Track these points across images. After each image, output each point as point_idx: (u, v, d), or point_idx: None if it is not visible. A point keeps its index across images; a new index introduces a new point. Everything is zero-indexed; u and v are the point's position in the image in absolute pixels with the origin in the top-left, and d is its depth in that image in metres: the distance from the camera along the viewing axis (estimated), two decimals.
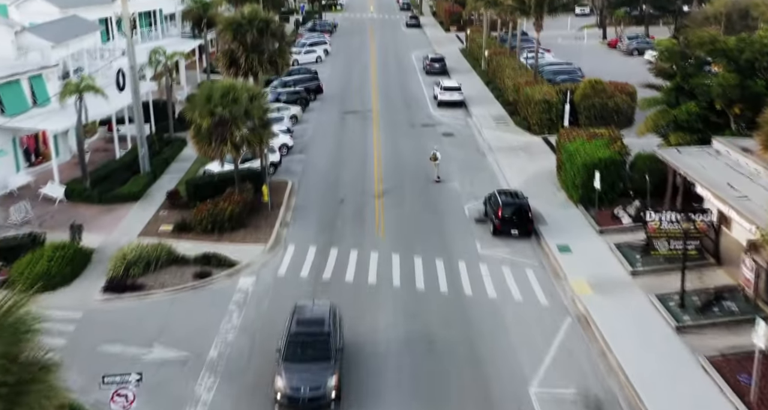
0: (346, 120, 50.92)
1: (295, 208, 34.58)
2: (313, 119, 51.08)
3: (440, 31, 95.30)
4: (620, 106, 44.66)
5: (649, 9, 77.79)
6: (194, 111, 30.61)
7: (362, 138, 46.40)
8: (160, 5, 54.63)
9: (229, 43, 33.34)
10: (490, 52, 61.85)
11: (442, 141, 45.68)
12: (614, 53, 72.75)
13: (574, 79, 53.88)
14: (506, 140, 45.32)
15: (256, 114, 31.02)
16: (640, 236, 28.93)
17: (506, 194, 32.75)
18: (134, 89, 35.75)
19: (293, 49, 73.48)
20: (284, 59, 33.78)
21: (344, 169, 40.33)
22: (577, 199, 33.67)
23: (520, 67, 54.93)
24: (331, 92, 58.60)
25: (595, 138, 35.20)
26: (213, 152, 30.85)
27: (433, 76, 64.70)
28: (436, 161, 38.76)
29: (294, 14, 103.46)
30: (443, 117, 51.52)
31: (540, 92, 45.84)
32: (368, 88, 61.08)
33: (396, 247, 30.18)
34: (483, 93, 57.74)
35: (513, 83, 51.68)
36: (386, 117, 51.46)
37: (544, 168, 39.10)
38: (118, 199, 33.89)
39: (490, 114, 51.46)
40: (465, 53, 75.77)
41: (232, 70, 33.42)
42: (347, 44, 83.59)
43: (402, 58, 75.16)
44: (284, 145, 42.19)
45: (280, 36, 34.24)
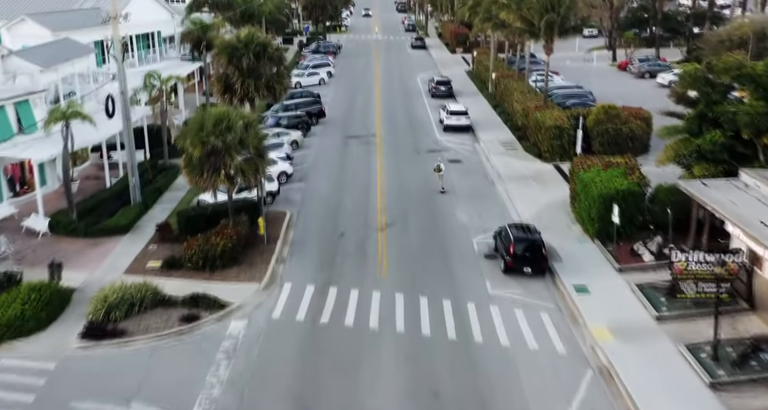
0: (349, 145, 49.08)
1: (292, 242, 32.55)
2: (315, 144, 49.26)
3: (446, 52, 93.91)
4: (635, 132, 42.67)
5: (659, 31, 76.06)
6: (186, 139, 28.75)
7: (365, 165, 44.50)
8: (159, 27, 53.19)
9: (224, 68, 31.58)
10: (498, 74, 60.14)
11: (449, 168, 43.74)
12: (625, 76, 70.95)
13: (585, 104, 52.02)
14: (516, 167, 43.34)
15: (251, 143, 29.15)
16: (664, 275, 26.80)
17: (518, 228, 30.66)
18: (125, 115, 33.97)
19: (295, 71, 72.18)
20: (282, 84, 31.98)
21: (346, 198, 38.36)
22: (593, 233, 31.57)
23: (528, 90, 53.11)
24: (333, 116, 56.88)
25: (612, 167, 33.19)
26: (205, 182, 28.94)
27: (439, 99, 63.02)
28: (440, 172, 39.52)
29: (298, 36, 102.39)
30: (449, 142, 49.63)
31: (551, 117, 43.92)
32: (372, 111, 59.37)
33: (400, 286, 28.09)
34: (490, 117, 55.91)
35: (522, 108, 49.82)
36: (390, 142, 49.63)
37: (556, 198, 37.04)
38: (105, 232, 31.95)
39: (498, 139, 49.55)
40: (471, 75, 74.16)
41: (227, 96, 31.63)
42: (351, 66, 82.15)
43: (407, 80, 73.57)
44: (283, 173, 40.30)
45: (278, 60, 32.47)
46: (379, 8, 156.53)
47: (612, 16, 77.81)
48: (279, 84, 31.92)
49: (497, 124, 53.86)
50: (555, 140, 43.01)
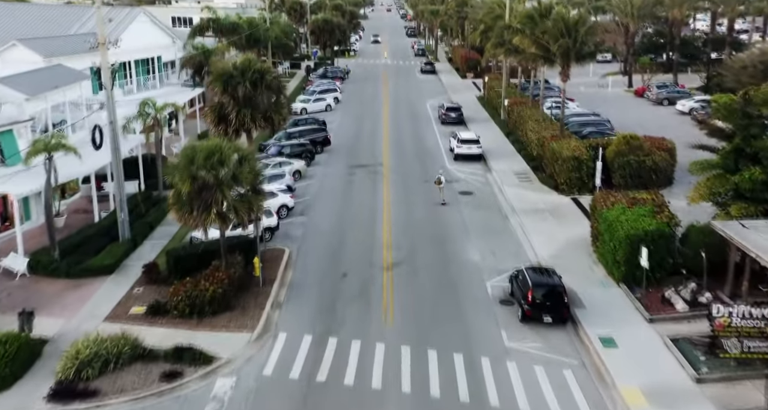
0: (355, 175, 46.71)
1: (290, 284, 30.01)
2: (319, 173, 46.93)
3: (456, 77, 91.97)
4: (659, 164, 40.09)
5: (677, 56, 73.72)
6: (175, 174, 26.45)
7: (371, 196, 42.07)
8: (159, 52, 51.40)
9: (218, 97, 29.40)
10: (510, 101, 57.85)
11: (459, 200, 41.30)
12: (642, 102, 68.48)
13: (602, 133, 49.57)
14: (531, 200, 40.77)
15: (245, 178, 26.82)
16: (700, 326, 24.16)
17: (536, 271, 28.02)
18: (114, 146, 31.80)
19: (301, 97, 70.33)
20: (281, 114, 29.73)
21: (350, 234, 35.88)
22: (618, 277, 28.85)
23: (543, 118, 50.72)
24: (339, 144, 54.67)
25: (637, 204, 30.58)
26: (195, 221, 26.56)
27: (449, 125, 60.77)
28: (441, 185, 40.48)
29: (306, 60, 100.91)
30: (460, 172, 47.18)
31: (568, 148, 41.45)
32: (379, 139, 57.12)
33: (406, 336, 25.44)
34: (503, 146, 53.50)
35: (537, 137, 47.40)
36: (398, 172, 47.25)
37: (576, 236, 34.39)
38: (88, 272, 29.56)
39: (511, 169, 47.07)
40: (482, 101, 71.98)
41: (221, 126, 29.39)
42: (359, 91, 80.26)
43: (416, 106, 71.44)
44: (283, 206, 37.91)
45: (277, 89, 30.26)
46: (389, 33, 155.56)
47: (627, 41, 75.64)
48: (277, 114, 29.65)
49: (510, 153, 51.45)
50: (573, 171, 40.48)
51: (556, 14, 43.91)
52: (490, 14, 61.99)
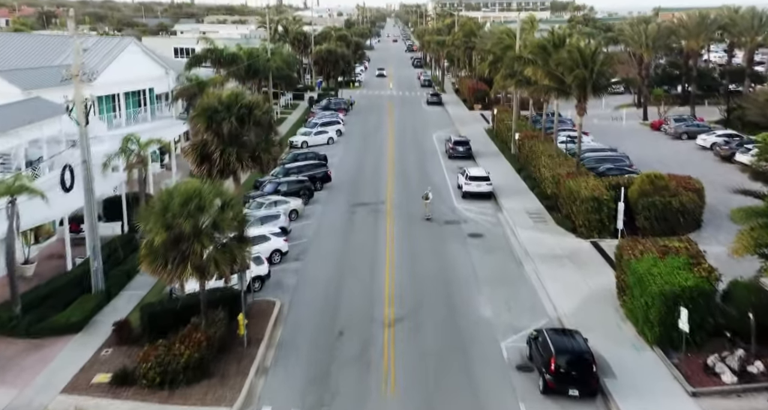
0: (356, 215, 43.53)
1: (279, 344, 26.60)
2: (317, 213, 43.78)
3: (463, 109, 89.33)
4: (686, 206, 36.77)
5: (694, 88, 70.76)
6: (148, 222, 23.33)
7: (373, 239, 38.82)
8: (151, 84, 48.82)
9: (201, 134, 26.47)
10: (522, 135, 54.86)
11: (468, 243, 38.03)
12: (659, 136, 65.34)
13: (621, 170, 46.38)
14: (547, 243, 37.44)
15: (227, 227, 23.68)
16: (753, 404, 20.63)
17: (559, 334, 24.58)
18: (87, 187, 28.76)
19: (302, 130, 67.62)
20: (270, 154, 26.67)
21: (348, 283, 32.56)
22: (652, 339, 25.36)
23: (558, 154, 47.61)
24: (340, 180, 51.65)
25: (670, 254, 27.22)
26: (169, 275, 23.35)
27: (457, 160, 57.82)
28: (428, 201, 42.00)
29: (309, 91, 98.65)
30: (469, 212, 43.95)
31: (586, 187, 38.22)
32: (383, 174, 54.10)
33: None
34: (514, 182, 50.34)
35: (551, 174, 44.24)
36: (402, 211, 44.06)
37: (599, 287, 30.98)
38: (52, 331, 26.25)
39: (524, 209, 43.81)
40: (491, 134, 69.08)
41: (204, 167, 26.36)
42: (363, 123, 77.57)
43: (422, 139, 68.56)
44: (276, 251, 34.71)
45: (267, 125, 27.29)
46: (395, 64, 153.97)
47: (641, 73, 72.90)
48: (267, 153, 26.60)
49: (522, 190, 48.26)
50: (592, 213, 37.20)
51: (571, 44, 41.12)
52: (500, 45, 59.41)
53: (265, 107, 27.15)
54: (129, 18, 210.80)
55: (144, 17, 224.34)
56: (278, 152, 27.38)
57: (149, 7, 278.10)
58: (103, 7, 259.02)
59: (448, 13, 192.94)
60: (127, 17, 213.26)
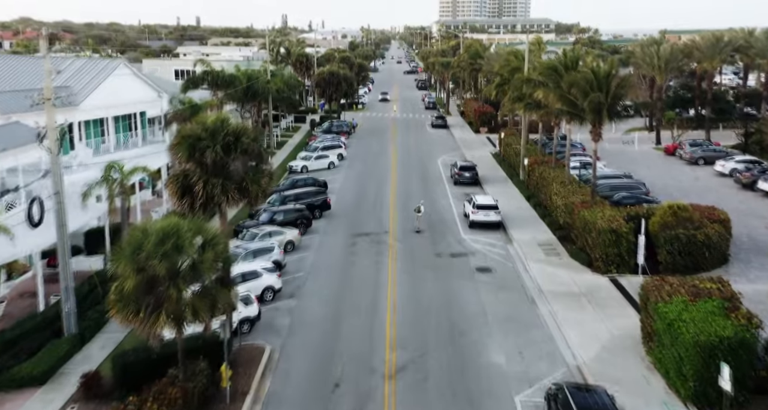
0: (357, 246, 40.89)
1: (267, 399, 23.83)
2: (315, 244, 41.16)
3: (469, 132, 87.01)
4: (712, 239, 34.03)
5: (708, 111, 68.21)
6: (118, 263, 20.76)
7: (374, 274, 36.14)
8: (143, 107, 46.61)
9: (183, 163, 23.99)
10: (531, 160, 52.33)
11: (477, 278, 35.34)
12: (674, 162, 62.64)
13: (637, 198, 43.71)
14: (561, 279, 34.70)
15: (207, 269, 21.07)
16: None
17: (582, 391, 21.77)
18: (59, 222, 26.25)
19: (302, 154, 65.29)
20: (259, 185, 24.13)
21: (347, 325, 29.83)
22: (686, 395, 22.54)
23: (570, 181, 44.98)
24: (341, 207, 49.13)
25: (702, 297, 24.47)
26: (142, 324, 20.69)
27: (463, 186, 55.35)
28: (419, 213, 43.50)
29: (311, 114, 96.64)
30: (476, 243, 41.26)
31: (603, 218, 35.54)
32: (386, 201, 51.54)
33: None
34: (524, 211, 47.69)
35: (564, 202, 41.61)
36: (406, 242, 41.42)
37: (622, 331, 28.19)
38: (13, 383, 23.56)
39: (535, 240, 41.12)
40: (498, 159, 66.57)
41: (185, 200, 23.81)
42: (366, 147, 75.25)
43: (427, 164, 66.08)
44: (269, 288, 32.09)
45: (256, 154, 24.79)
46: (399, 86, 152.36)
47: (652, 95, 70.51)
48: (255, 184, 24.05)
49: (532, 219, 45.60)
50: (610, 247, 34.48)
51: (585, 66, 38.76)
52: (507, 66, 57.16)
53: (253, 133, 24.64)
54: (133, 40, 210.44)
55: (148, 40, 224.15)
56: (268, 184, 24.82)
57: (153, 29, 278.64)
58: (108, 30, 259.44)
59: (452, 34, 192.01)
60: (131, 39, 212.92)
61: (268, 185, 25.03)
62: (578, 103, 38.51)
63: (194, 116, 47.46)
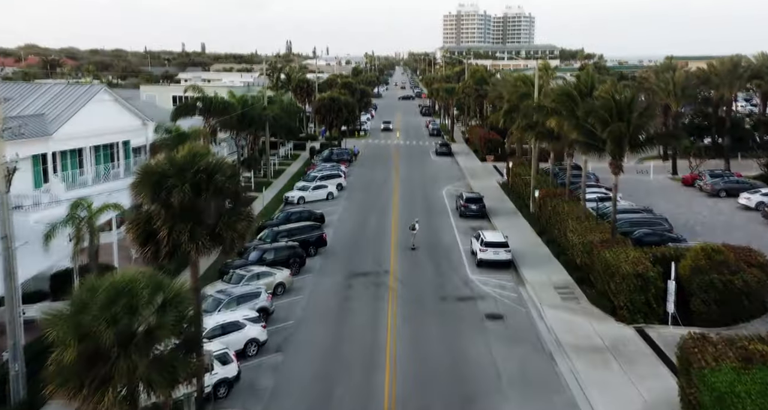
0: (353, 288, 37.26)
1: None
2: (308, 286, 37.55)
3: (475, 160, 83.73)
4: (750, 285, 30.35)
5: (727, 140, 64.78)
6: (56, 329, 17.21)
7: (372, 322, 32.47)
8: (125, 136, 43.44)
9: (147, 205, 20.58)
10: (542, 193, 48.82)
11: (486, 328, 31.66)
12: (694, 194, 59.05)
13: (661, 236, 40.16)
14: (582, 329, 30.97)
15: (165, 335, 17.51)
16: None
17: None
18: (7, 270, 22.77)
19: (299, 184, 61.96)
20: (235, 230, 20.64)
21: (339, 386, 26.09)
22: None
23: (587, 216, 41.38)
24: (338, 243, 45.62)
25: (755, 362, 20.76)
26: (86, 404, 17.05)
27: (469, 219, 51.89)
28: (414, 231, 44.15)
29: (311, 141, 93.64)
30: (485, 285, 37.62)
31: (627, 261, 31.92)
32: (387, 236, 47.98)
33: None
34: (536, 248, 44.06)
35: (581, 241, 38.01)
36: (408, 283, 37.81)
37: (657, 397, 24.39)
38: None
39: (550, 281, 37.47)
40: (506, 189, 63.09)
41: (148, 248, 20.36)
42: (367, 176, 71.95)
43: (431, 194, 62.66)
44: (252, 341, 28.43)
45: (233, 194, 21.36)
46: (402, 111, 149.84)
47: (667, 123, 67.28)
48: (230, 229, 20.56)
49: (545, 258, 41.95)
50: (636, 293, 30.82)
51: (603, 92, 35.50)
52: (516, 92, 54.01)
53: (229, 170, 21.24)
54: (135, 66, 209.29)
55: (150, 66, 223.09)
56: (246, 228, 21.33)
57: (156, 55, 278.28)
58: (111, 56, 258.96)
59: (456, 60, 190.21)
60: (133, 65, 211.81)
61: (247, 230, 21.48)
62: (597, 133, 35.12)
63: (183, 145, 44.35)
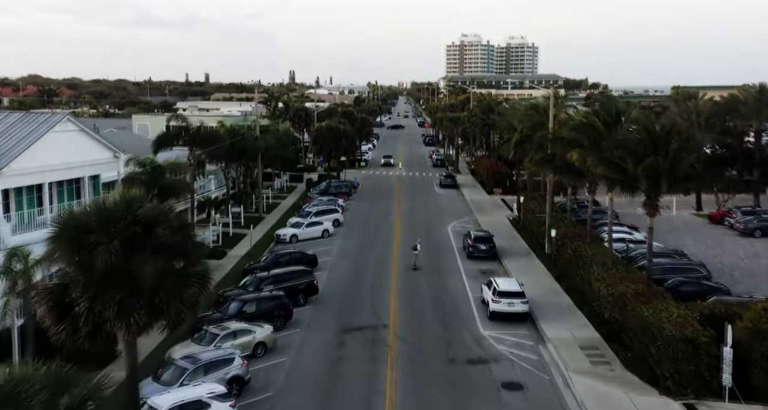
0: (347, 347, 32.08)
1: None
2: (294, 345, 32.35)
3: (482, 193, 78.90)
4: None
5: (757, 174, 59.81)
6: None
7: (366, 394, 27.23)
8: (94, 170, 38.69)
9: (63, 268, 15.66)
10: (561, 233, 43.79)
11: (503, 401, 26.44)
12: (723, 232, 53.88)
13: (700, 286, 35.10)
14: (619, 404, 25.76)
15: None
16: None
17: None
18: None
19: (293, 220, 57.04)
20: (182, 301, 15.62)
21: None
22: None
23: (614, 262, 36.24)
24: (332, 290, 40.58)
25: None
26: None
27: (478, 261, 46.88)
28: (416, 251, 44.48)
29: (307, 173, 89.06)
30: (500, 343, 32.43)
31: (669, 319, 26.79)
32: (387, 281, 42.88)
33: None
34: (555, 296, 38.89)
35: (610, 292, 32.90)
36: (410, 340, 32.66)
37: None
38: None
39: (575, 339, 32.27)
40: (518, 226, 58.06)
41: (63, 327, 15.35)
42: (367, 211, 67.06)
43: (435, 232, 57.60)
44: None
45: (181, 251, 16.43)
46: (405, 141, 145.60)
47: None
48: (174, 300, 15.52)
49: (567, 309, 36.78)
50: (685, 362, 25.60)
51: (636, 122, 30.74)
52: (528, 122, 49.38)
53: (177, 220, 16.37)
54: (134, 96, 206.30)
55: (150, 95, 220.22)
56: (197, 295, 16.35)
57: (157, 85, 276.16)
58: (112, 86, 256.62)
59: (460, 89, 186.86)
60: (131, 95, 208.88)
61: (198, 298, 16.45)
62: (628, 168, 30.25)
63: (158, 180, 39.79)
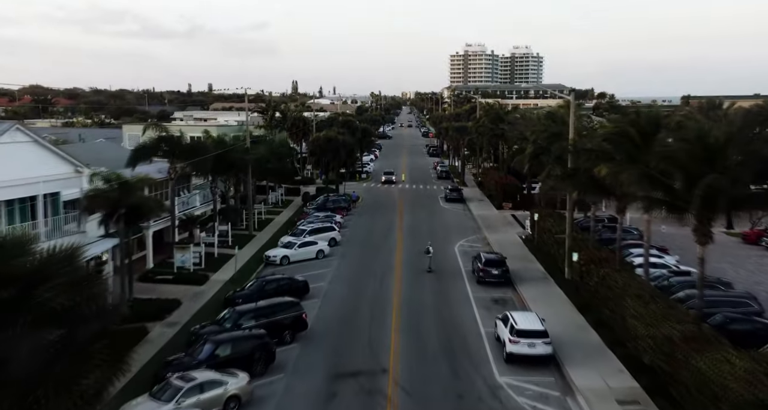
0: (337, 401, 26.82)
1: None
2: (274, 397, 27.08)
3: (490, 207, 73.73)
4: None
5: None
6: None
7: None
8: (54, 187, 33.78)
9: None
10: (585, 257, 38.56)
11: None
12: (762, 254, 48.76)
13: (753, 324, 29.85)
14: None
15: None
16: None
17: None
18: None
19: (285, 239, 51.98)
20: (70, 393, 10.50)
21: None
22: None
23: (652, 295, 30.95)
24: (324, 322, 35.49)
25: None
26: None
27: (490, 288, 41.73)
28: (429, 254, 45.15)
29: (305, 185, 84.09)
30: (520, 394, 27.18)
31: (733, 374, 21.57)
32: (387, 312, 37.69)
33: None
34: (580, 332, 33.62)
35: (650, 333, 27.65)
36: (413, 391, 27.39)
37: None
38: None
39: (610, 390, 26.98)
40: (531, 245, 52.92)
41: None
42: (367, 228, 61.94)
43: (441, 252, 52.18)
44: None
45: (77, 319, 11.11)
46: (408, 152, 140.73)
47: None
48: (64, 391, 10.45)
49: (596, 349, 31.48)
50: None
51: (686, 130, 25.66)
52: (545, 132, 44.31)
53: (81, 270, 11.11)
54: (132, 105, 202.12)
55: (148, 105, 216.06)
56: (103, 383, 11.24)
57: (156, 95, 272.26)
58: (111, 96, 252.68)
59: (465, 98, 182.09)
60: (129, 104, 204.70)
61: (107, 383, 11.34)
62: (676, 186, 25.10)
63: (126, 198, 34.85)
